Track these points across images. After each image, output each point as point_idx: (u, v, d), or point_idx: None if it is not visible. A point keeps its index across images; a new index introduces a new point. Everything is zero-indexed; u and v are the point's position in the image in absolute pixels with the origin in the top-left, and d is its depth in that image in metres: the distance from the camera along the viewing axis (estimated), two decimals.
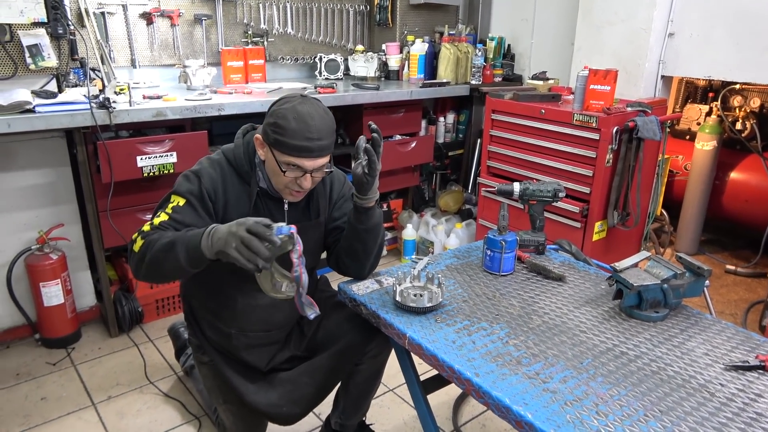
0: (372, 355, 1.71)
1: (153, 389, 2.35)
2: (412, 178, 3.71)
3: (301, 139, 1.41)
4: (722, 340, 1.40)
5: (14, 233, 2.54)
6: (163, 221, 1.46)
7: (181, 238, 1.37)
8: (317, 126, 1.43)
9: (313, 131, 1.42)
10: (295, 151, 1.42)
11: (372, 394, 1.88)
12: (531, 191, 1.88)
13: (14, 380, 2.39)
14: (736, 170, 3.62)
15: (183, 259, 1.35)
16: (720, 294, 3.28)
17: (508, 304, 1.56)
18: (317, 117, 1.44)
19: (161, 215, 1.48)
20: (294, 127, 1.41)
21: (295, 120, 1.41)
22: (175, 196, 1.51)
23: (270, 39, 3.49)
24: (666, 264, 1.52)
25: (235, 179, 1.57)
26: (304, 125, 1.41)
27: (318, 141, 1.43)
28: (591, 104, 2.64)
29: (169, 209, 1.48)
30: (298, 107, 1.44)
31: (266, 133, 1.47)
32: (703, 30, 2.86)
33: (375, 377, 1.82)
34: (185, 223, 1.47)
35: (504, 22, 3.98)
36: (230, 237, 1.27)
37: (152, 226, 1.45)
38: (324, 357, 1.71)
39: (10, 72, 2.53)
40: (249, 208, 1.57)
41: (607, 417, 1.11)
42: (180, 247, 1.35)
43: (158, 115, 2.43)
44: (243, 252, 1.26)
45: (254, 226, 1.27)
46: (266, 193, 1.60)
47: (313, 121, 1.43)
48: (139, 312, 2.74)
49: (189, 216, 1.48)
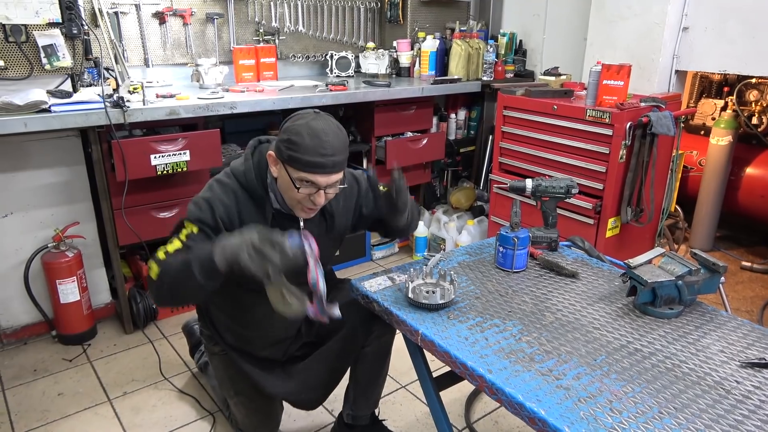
0: (376, 335, 1.75)
1: (168, 385, 2.37)
2: (424, 175, 3.71)
3: (315, 155, 1.41)
4: (738, 337, 1.39)
5: (31, 231, 2.58)
6: (177, 249, 1.47)
7: (194, 254, 1.39)
8: (331, 142, 1.43)
9: (327, 147, 1.42)
10: (309, 167, 1.42)
11: (380, 384, 1.90)
12: (543, 188, 1.87)
13: (32, 376, 2.42)
14: (752, 165, 3.58)
15: (198, 273, 1.36)
16: (735, 291, 3.25)
17: (521, 301, 1.56)
18: (331, 133, 1.44)
19: (175, 242, 1.49)
20: (308, 143, 1.40)
21: (309, 136, 1.41)
22: (188, 223, 1.51)
23: (281, 37, 3.50)
24: (680, 260, 1.51)
25: (249, 203, 1.56)
26: (318, 141, 1.41)
27: (332, 157, 1.43)
28: (604, 100, 2.62)
29: (183, 236, 1.49)
30: (312, 123, 1.43)
31: (279, 150, 1.46)
32: (718, 24, 2.82)
33: (381, 363, 1.84)
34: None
35: (515, 17, 3.96)
36: (243, 243, 1.30)
37: (166, 254, 1.47)
38: (332, 342, 1.76)
39: (26, 72, 2.56)
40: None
41: (621, 414, 1.11)
42: (194, 263, 1.37)
43: (171, 113, 2.45)
44: (254, 258, 1.28)
45: (263, 231, 1.30)
46: (281, 214, 1.59)
47: (327, 137, 1.42)
48: (153, 309, 2.77)
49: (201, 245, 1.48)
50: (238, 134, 3.24)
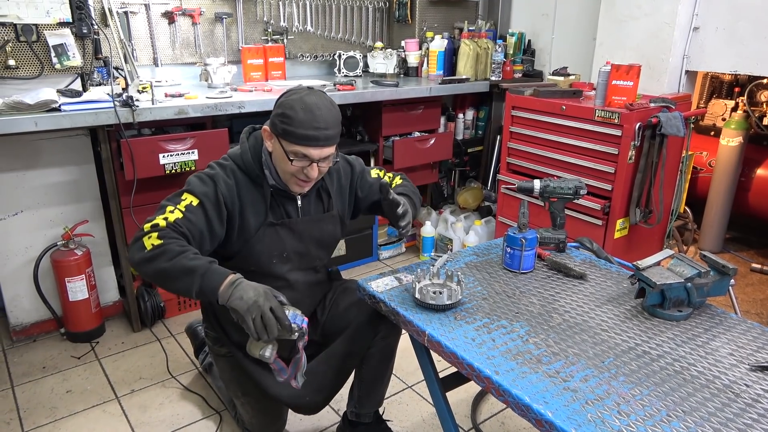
0: (382, 336, 1.75)
1: (175, 383, 2.38)
2: (431, 175, 3.70)
3: (309, 129, 1.45)
4: (748, 340, 1.38)
5: (40, 229, 2.60)
6: (178, 219, 1.45)
7: (203, 270, 1.37)
8: (324, 116, 1.47)
9: (320, 121, 1.46)
10: (303, 140, 1.46)
11: (384, 383, 1.90)
12: (551, 188, 1.86)
13: (41, 373, 2.44)
14: (763, 166, 3.55)
15: (194, 290, 1.37)
16: (745, 293, 3.22)
17: (528, 302, 1.55)
18: (324, 107, 1.48)
19: (175, 212, 1.47)
20: (302, 117, 1.44)
21: (302, 110, 1.45)
22: (188, 194, 1.51)
23: (290, 36, 3.51)
24: (690, 262, 1.50)
25: (248, 184, 1.60)
26: (311, 115, 1.45)
27: (324, 130, 1.47)
28: (613, 100, 2.61)
29: (182, 206, 1.48)
30: (305, 98, 1.47)
31: (274, 124, 1.50)
32: (729, 23, 2.80)
33: (386, 363, 1.84)
34: (197, 226, 1.49)
35: (524, 17, 3.95)
36: (254, 308, 1.33)
37: (167, 223, 1.44)
38: (337, 344, 1.77)
39: (37, 71, 2.58)
40: (265, 209, 1.60)
41: (629, 417, 1.10)
42: (197, 278, 1.36)
43: (180, 113, 2.46)
44: (257, 325, 1.34)
45: (279, 309, 1.35)
46: (279, 192, 1.63)
47: (320, 111, 1.46)
48: (161, 307, 2.78)
49: (201, 219, 1.50)
50: None
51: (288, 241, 1.66)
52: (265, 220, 1.60)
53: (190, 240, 1.47)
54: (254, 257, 1.62)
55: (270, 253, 1.64)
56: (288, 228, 1.65)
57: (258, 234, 1.60)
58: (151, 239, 1.41)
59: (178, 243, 1.41)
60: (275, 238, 1.63)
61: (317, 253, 1.75)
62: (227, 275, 1.38)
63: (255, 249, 1.61)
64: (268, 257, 1.64)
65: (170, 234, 1.42)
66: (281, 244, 1.65)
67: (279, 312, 1.34)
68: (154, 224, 1.44)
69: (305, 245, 1.70)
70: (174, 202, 1.50)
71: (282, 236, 1.64)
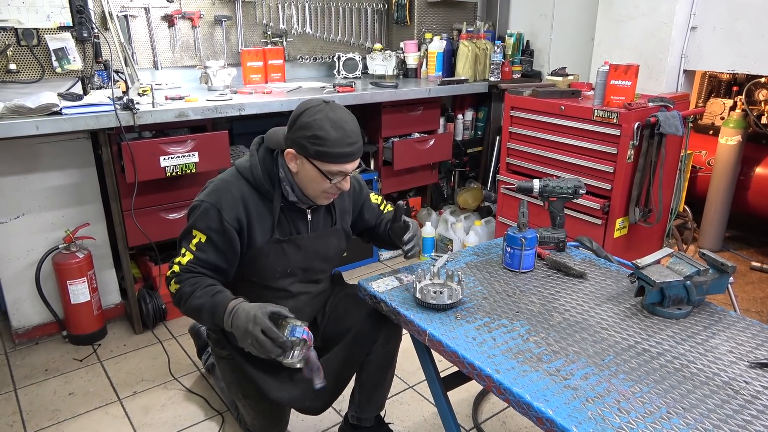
0: (381, 344, 1.75)
1: (177, 385, 2.39)
2: (431, 176, 3.71)
3: (344, 146, 1.47)
4: (747, 338, 1.38)
5: (42, 232, 2.60)
6: (190, 261, 1.54)
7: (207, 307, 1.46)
8: (352, 130, 1.50)
9: (352, 136, 1.49)
10: (340, 158, 1.47)
11: (385, 388, 1.90)
12: (551, 188, 1.87)
13: (43, 376, 2.45)
14: (762, 165, 3.55)
15: (209, 324, 1.50)
16: (745, 291, 3.22)
17: (529, 301, 1.56)
18: (349, 120, 1.50)
19: (186, 254, 1.54)
20: (335, 136, 1.45)
21: (333, 129, 1.45)
22: (196, 231, 1.55)
23: (289, 39, 3.52)
24: (689, 261, 1.51)
25: (256, 198, 1.59)
26: (342, 132, 1.46)
27: (356, 144, 1.51)
28: (612, 100, 2.62)
29: (192, 246, 1.54)
30: (330, 115, 1.47)
31: (303, 146, 1.47)
32: (726, 23, 2.81)
33: (386, 368, 1.84)
34: (209, 261, 1.55)
35: (522, 18, 3.96)
36: (246, 335, 1.37)
37: (181, 267, 1.53)
38: (338, 349, 1.76)
39: (38, 75, 2.59)
40: (272, 225, 1.60)
41: (629, 414, 1.11)
42: (206, 316, 1.47)
43: (180, 115, 2.47)
44: (256, 348, 1.38)
45: (270, 331, 1.35)
46: (290, 207, 1.62)
47: (349, 126, 1.49)
48: (162, 309, 2.79)
49: (212, 253, 1.55)
50: (247, 135, 3.26)
51: (293, 257, 1.65)
52: (271, 237, 1.60)
53: (207, 274, 1.54)
54: (257, 271, 1.63)
55: (274, 268, 1.64)
56: (295, 244, 1.64)
57: (263, 250, 1.60)
58: (171, 286, 1.55)
59: (189, 283, 1.50)
60: (280, 254, 1.63)
61: (321, 267, 1.76)
62: (225, 306, 1.44)
63: (259, 263, 1.61)
64: (272, 272, 1.64)
65: (184, 277, 1.52)
66: (286, 260, 1.64)
67: (270, 333, 1.36)
68: (173, 271, 1.55)
69: (310, 261, 1.70)
70: (187, 240, 1.56)
71: (288, 252, 1.64)
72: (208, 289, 1.49)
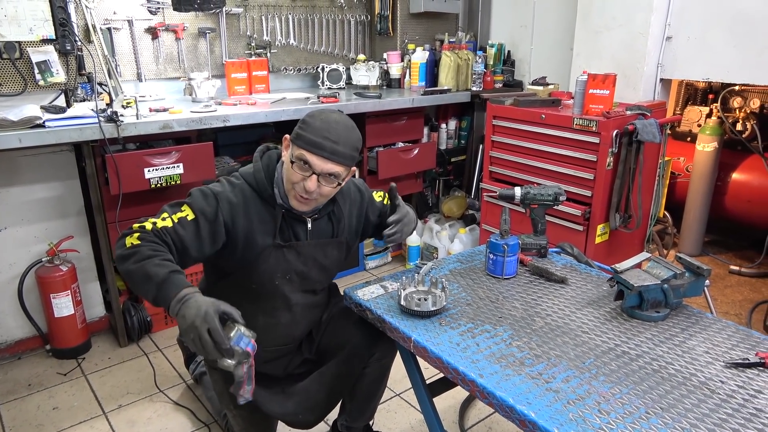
0: (377, 358, 1.75)
1: (163, 398, 2.38)
2: (416, 185, 3.74)
3: (318, 136, 1.47)
4: (722, 339, 1.42)
5: (25, 246, 2.59)
6: (165, 227, 1.45)
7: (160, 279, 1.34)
8: (338, 131, 1.49)
9: (332, 134, 1.48)
10: (309, 145, 1.47)
11: (377, 398, 1.91)
12: (532, 195, 1.91)
13: (26, 391, 2.42)
14: (738, 171, 3.64)
15: (151, 298, 1.36)
16: (725, 294, 3.29)
17: (511, 307, 1.59)
18: (342, 125, 1.51)
19: (167, 220, 1.47)
20: (317, 125, 1.48)
21: (320, 121, 1.49)
22: (187, 207, 1.50)
23: (273, 50, 3.54)
24: (666, 264, 1.55)
25: (258, 203, 1.58)
26: (326, 125, 1.49)
27: (333, 144, 1.47)
28: (591, 108, 2.67)
29: (176, 217, 1.48)
30: (328, 113, 1.53)
31: (294, 130, 1.53)
32: (700, 33, 2.89)
33: (380, 381, 1.85)
34: (184, 240, 1.47)
35: (503, 28, 4.03)
36: (191, 329, 1.27)
37: (153, 228, 1.44)
38: (332, 364, 1.76)
39: (20, 88, 2.59)
40: (274, 230, 1.59)
41: (609, 415, 1.14)
42: (153, 287, 1.34)
43: (165, 127, 2.47)
44: (197, 345, 1.28)
45: (216, 333, 1.26)
46: (290, 214, 1.62)
47: (337, 126, 1.50)
48: (147, 322, 2.78)
49: (190, 234, 1.48)
50: (231, 147, 3.27)
51: (293, 262, 1.65)
52: (273, 242, 1.60)
53: (171, 250, 1.45)
54: (257, 276, 1.62)
55: (273, 273, 1.63)
56: (295, 250, 1.64)
57: (263, 254, 1.59)
58: (131, 239, 1.41)
59: (152, 247, 1.39)
60: (281, 259, 1.62)
61: (318, 277, 1.74)
62: (180, 290, 1.33)
63: (259, 268, 1.61)
64: (271, 277, 1.63)
65: (150, 238, 1.41)
66: (286, 265, 1.64)
67: (216, 336, 1.27)
68: (141, 225, 1.44)
69: (308, 268, 1.69)
70: (172, 210, 1.49)
71: (288, 258, 1.63)
72: (168, 264, 1.38)
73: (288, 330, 1.75)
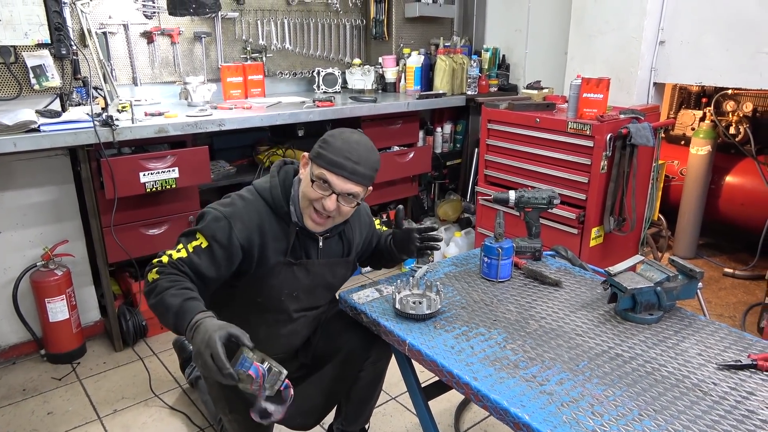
0: (372, 361, 1.75)
1: (158, 402, 2.37)
2: (411, 188, 3.75)
3: (339, 156, 1.47)
4: (715, 341, 1.43)
5: (19, 250, 2.58)
6: (181, 258, 1.47)
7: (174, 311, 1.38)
8: (359, 152, 1.49)
9: (354, 155, 1.48)
10: (330, 164, 1.47)
11: (372, 402, 1.91)
12: (526, 199, 1.91)
13: (21, 396, 2.41)
14: (731, 174, 3.66)
15: (171, 328, 1.41)
16: (719, 297, 3.31)
17: (506, 310, 1.59)
18: (363, 146, 1.51)
19: (182, 251, 1.49)
20: (338, 145, 1.48)
21: (341, 140, 1.49)
22: (200, 235, 1.50)
23: (268, 54, 3.55)
24: (659, 267, 1.56)
25: (272, 219, 1.58)
26: (347, 146, 1.48)
27: (355, 164, 1.48)
28: (584, 112, 2.69)
29: (191, 247, 1.49)
30: (349, 133, 1.53)
31: (313, 149, 1.52)
32: (693, 37, 2.91)
33: (375, 384, 1.85)
34: (200, 268, 1.49)
35: (498, 33, 4.05)
36: (197, 355, 1.30)
37: (170, 260, 1.47)
38: (328, 368, 1.77)
39: (15, 92, 2.59)
40: (288, 246, 1.59)
41: (602, 417, 1.14)
42: (171, 317, 1.38)
43: (160, 131, 2.47)
44: (204, 371, 1.31)
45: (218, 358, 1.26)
46: (304, 231, 1.61)
47: (358, 147, 1.50)
48: (143, 326, 2.77)
49: (206, 262, 1.50)
50: (227, 151, 3.27)
51: (302, 280, 1.65)
52: (284, 259, 1.59)
53: (191, 278, 1.47)
54: (265, 291, 1.62)
55: (281, 289, 1.63)
56: (305, 268, 1.64)
57: (274, 270, 1.59)
58: (152, 275, 1.45)
59: (169, 279, 1.42)
60: (290, 277, 1.62)
61: (323, 294, 1.75)
62: (192, 316, 1.35)
63: (267, 283, 1.61)
64: (279, 293, 1.63)
65: (167, 271, 1.44)
66: (295, 283, 1.64)
67: (218, 362, 1.27)
68: (159, 260, 1.47)
69: (315, 287, 1.70)
70: (186, 240, 1.51)
71: (297, 276, 1.63)
72: (184, 292, 1.41)
73: (288, 340, 1.76)
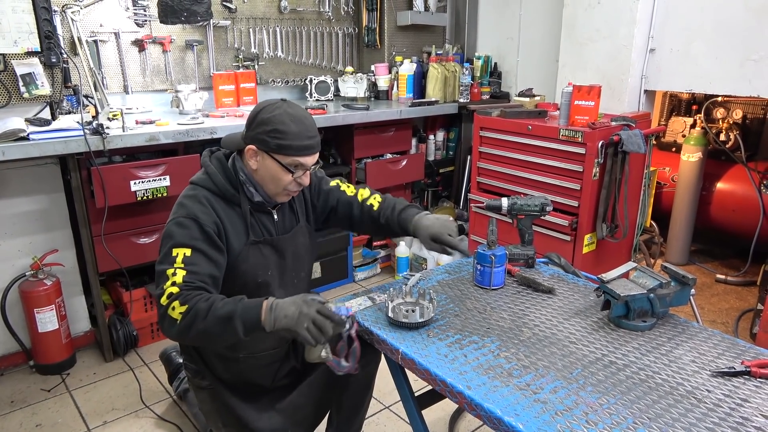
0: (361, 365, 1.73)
1: (149, 413, 2.34)
2: (404, 196, 3.75)
3: (304, 139, 1.53)
4: (709, 347, 1.43)
5: (8, 260, 2.55)
6: (185, 277, 1.43)
7: (238, 312, 1.37)
8: (311, 124, 1.57)
9: (311, 130, 1.56)
10: (301, 150, 1.53)
11: (364, 409, 1.90)
12: (519, 206, 1.91)
13: (9, 408, 2.38)
14: (722, 180, 3.69)
15: (241, 332, 1.37)
16: (711, 303, 3.31)
17: (499, 318, 1.58)
18: (308, 117, 1.58)
19: (177, 272, 1.43)
20: (295, 129, 1.51)
21: (293, 123, 1.52)
22: (176, 248, 1.46)
23: (261, 62, 3.55)
24: (652, 274, 1.55)
25: (223, 206, 1.59)
26: (302, 126, 1.53)
27: (315, 138, 1.57)
28: (576, 119, 2.70)
29: (179, 263, 1.44)
30: (289, 111, 1.54)
31: (263, 141, 1.52)
32: (682, 45, 2.94)
33: (365, 390, 1.85)
34: (204, 272, 1.47)
35: (490, 41, 4.07)
36: (302, 317, 1.35)
37: (179, 287, 1.41)
38: (318, 374, 1.76)
39: (4, 101, 2.56)
40: (246, 228, 1.61)
41: (596, 425, 1.13)
42: (238, 322, 1.36)
43: (151, 139, 2.46)
44: (313, 332, 1.35)
45: (324, 308, 1.36)
46: (257, 208, 1.64)
47: (308, 121, 1.56)
48: (134, 336, 2.74)
49: (203, 263, 1.48)
50: None
51: (271, 258, 1.67)
52: (247, 240, 1.61)
53: (207, 288, 1.45)
54: (240, 278, 1.61)
55: (255, 272, 1.63)
56: (271, 245, 1.66)
57: (242, 254, 1.60)
58: (176, 310, 1.39)
59: (201, 299, 1.39)
60: (259, 257, 1.64)
61: (294, 267, 1.76)
62: (261, 305, 1.38)
63: (240, 269, 1.60)
64: (254, 276, 1.63)
65: (191, 295, 1.40)
66: (265, 262, 1.65)
67: (326, 311, 1.36)
68: (168, 294, 1.41)
69: (285, 262, 1.71)
70: (168, 263, 1.45)
71: (265, 254, 1.65)
72: (228, 299, 1.40)
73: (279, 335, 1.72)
